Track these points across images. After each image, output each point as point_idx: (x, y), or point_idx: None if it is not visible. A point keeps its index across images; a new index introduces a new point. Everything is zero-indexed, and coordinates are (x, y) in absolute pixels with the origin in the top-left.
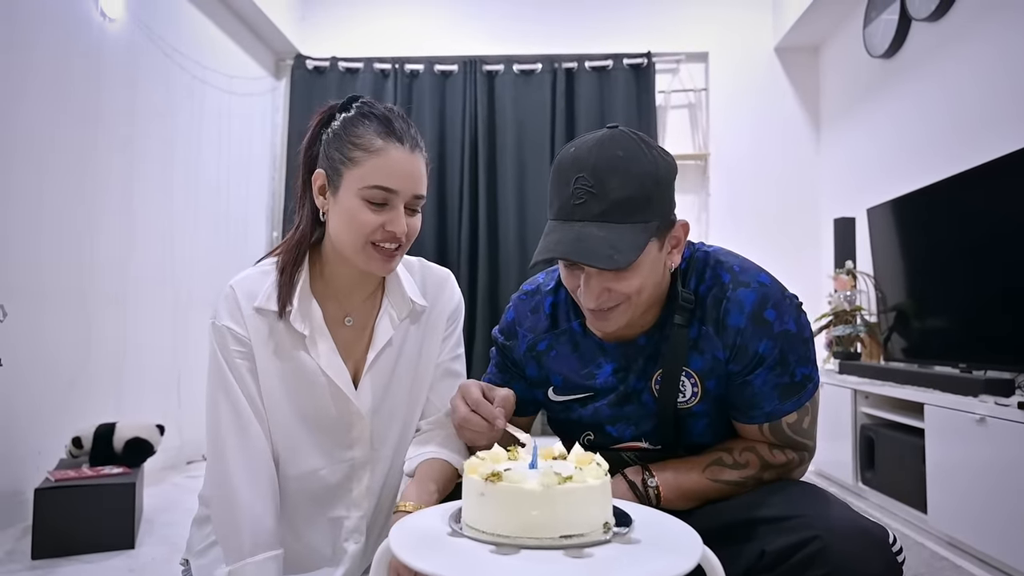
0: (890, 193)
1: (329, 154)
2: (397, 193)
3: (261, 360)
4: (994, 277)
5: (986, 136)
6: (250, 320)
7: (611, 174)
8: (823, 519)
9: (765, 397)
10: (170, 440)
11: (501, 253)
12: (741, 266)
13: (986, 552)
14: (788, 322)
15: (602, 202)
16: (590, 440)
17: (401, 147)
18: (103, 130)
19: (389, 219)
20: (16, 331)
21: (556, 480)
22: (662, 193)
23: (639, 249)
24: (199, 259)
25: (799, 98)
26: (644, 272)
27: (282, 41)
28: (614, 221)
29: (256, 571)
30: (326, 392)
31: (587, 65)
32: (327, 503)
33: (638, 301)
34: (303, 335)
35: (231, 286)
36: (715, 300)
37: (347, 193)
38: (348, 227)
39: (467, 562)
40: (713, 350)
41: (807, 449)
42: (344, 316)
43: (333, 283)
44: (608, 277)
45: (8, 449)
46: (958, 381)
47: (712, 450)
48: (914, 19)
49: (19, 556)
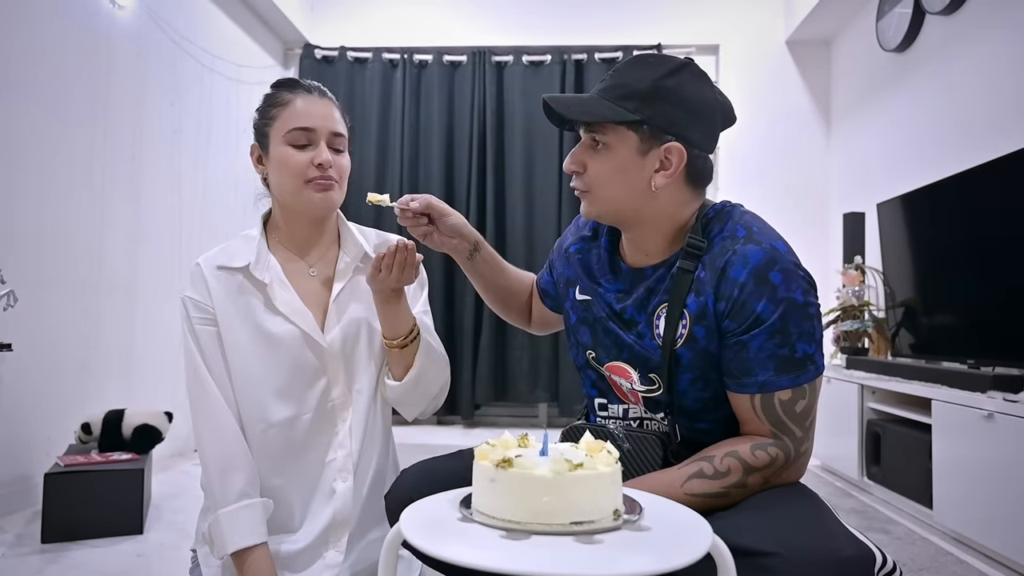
0: (900, 188)
1: (256, 126)
2: (315, 130)
3: (226, 319)
4: (1003, 273)
5: (999, 132)
6: (212, 283)
7: (629, 66)
8: (799, 558)
9: (760, 365)
10: (178, 428)
11: (508, 244)
12: (761, 228)
13: (991, 548)
14: (795, 291)
15: (609, 81)
16: (593, 359)
17: (309, 95)
18: (112, 118)
19: (314, 155)
20: (27, 318)
21: (567, 467)
22: (663, 103)
23: (604, 118)
24: (207, 247)
25: (810, 92)
26: (615, 160)
27: (291, 30)
28: (605, 98)
29: (228, 520)
30: (294, 338)
31: (597, 57)
32: (313, 448)
33: (604, 195)
34: (264, 283)
35: (197, 262)
36: (723, 249)
37: (275, 146)
38: (283, 174)
39: (477, 546)
40: (706, 295)
41: (794, 438)
42: (308, 269)
43: (290, 240)
44: (588, 153)
45: (18, 434)
46: (966, 377)
47: (692, 460)
48: (928, 12)
49: (29, 540)
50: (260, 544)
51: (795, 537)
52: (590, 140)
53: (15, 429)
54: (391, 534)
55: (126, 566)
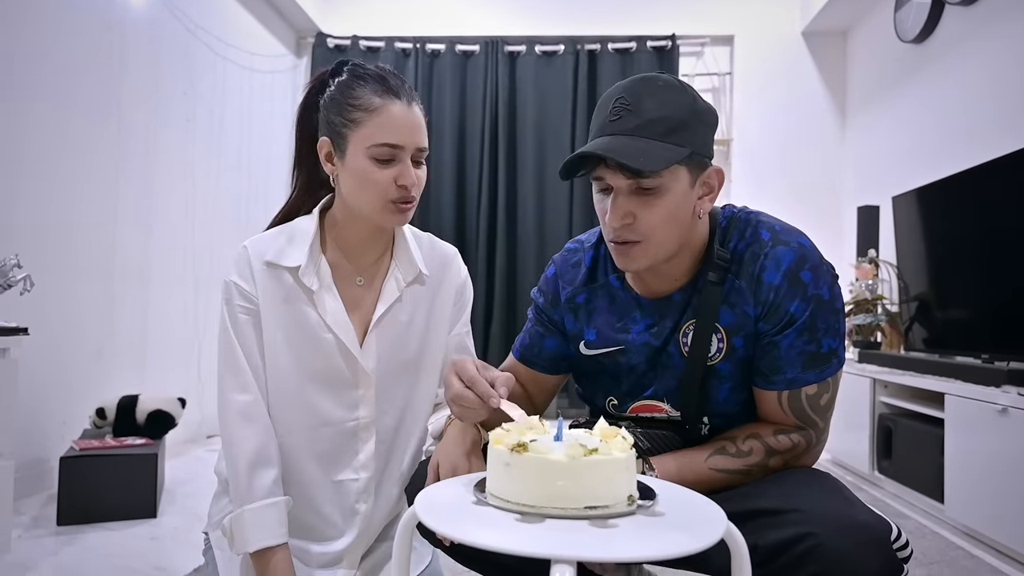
0: (916, 182)
1: (330, 119)
2: (403, 148)
3: (268, 316)
4: (1019, 267)
5: (1017, 125)
6: (259, 276)
7: (649, 96)
8: (819, 514)
9: (789, 362)
10: (191, 414)
11: (520, 236)
12: (783, 227)
13: (1002, 542)
14: (822, 287)
15: (638, 117)
16: (614, 406)
17: (399, 102)
18: (126, 106)
19: (398, 173)
20: (42, 303)
21: (582, 452)
22: (699, 125)
23: (668, 162)
24: (220, 236)
25: (825, 83)
26: (670, 202)
27: (304, 19)
28: (648, 136)
29: (253, 518)
30: (332, 348)
31: (610, 47)
32: (335, 465)
33: (660, 240)
34: (311, 290)
35: (244, 245)
36: (752, 256)
37: (355, 154)
38: (363, 188)
39: (491, 528)
40: (744, 304)
41: (817, 429)
42: (355, 276)
43: (344, 244)
44: (635, 201)
45: (34, 418)
46: (980, 371)
47: (715, 439)
48: (947, 3)
49: (45, 522)
50: (282, 544)
51: (818, 500)
52: (635, 186)
53: (31, 413)
54: (406, 516)
55: (140, 549)
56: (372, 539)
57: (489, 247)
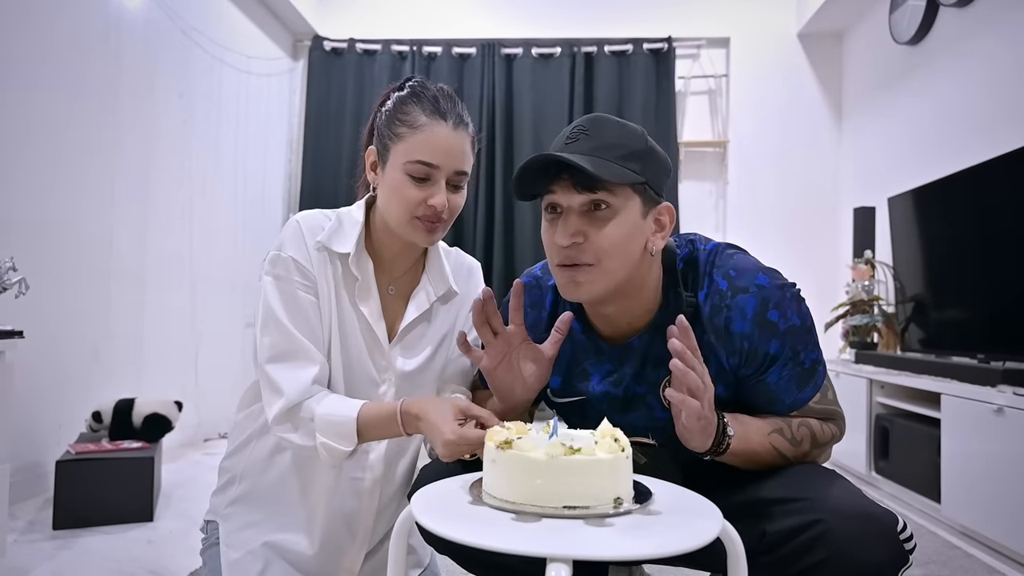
0: (912, 183)
1: (380, 132)
2: (439, 168)
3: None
4: (1015, 268)
5: (1012, 126)
6: (313, 255)
7: (608, 127)
8: (828, 502)
9: (783, 391)
10: (187, 418)
11: (517, 240)
12: (737, 268)
13: (999, 541)
14: (792, 317)
15: (596, 140)
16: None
17: (444, 124)
18: (122, 108)
19: (430, 194)
20: (38, 306)
21: (563, 451)
22: (654, 161)
23: (622, 178)
24: (216, 239)
25: (821, 85)
26: (623, 224)
27: (300, 22)
28: (604, 157)
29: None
30: (364, 344)
31: (606, 49)
32: (346, 462)
33: (609, 267)
34: (356, 279)
35: (296, 220)
36: (715, 309)
37: (393, 167)
38: (393, 200)
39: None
40: (716, 360)
41: (839, 416)
42: (387, 285)
43: (380, 252)
44: (586, 220)
45: (30, 422)
46: (976, 371)
47: (775, 419)
48: (942, 5)
49: (40, 526)
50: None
51: (827, 490)
52: (590, 205)
53: (27, 416)
54: (402, 516)
55: (137, 553)
56: (375, 541)
57: (486, 252)
